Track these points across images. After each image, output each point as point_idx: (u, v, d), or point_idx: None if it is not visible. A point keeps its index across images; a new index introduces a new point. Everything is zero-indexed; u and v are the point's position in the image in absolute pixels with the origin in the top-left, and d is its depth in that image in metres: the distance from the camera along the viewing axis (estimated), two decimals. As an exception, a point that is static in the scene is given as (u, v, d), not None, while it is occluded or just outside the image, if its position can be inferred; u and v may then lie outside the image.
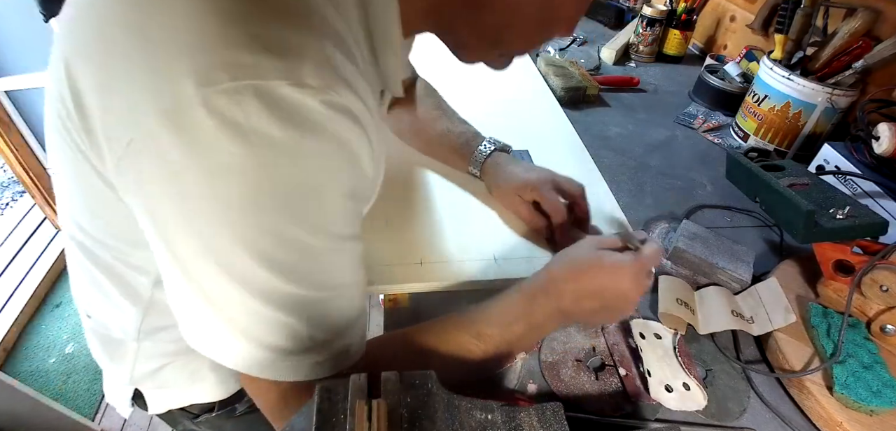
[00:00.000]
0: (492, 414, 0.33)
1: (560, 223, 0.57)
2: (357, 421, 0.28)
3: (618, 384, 0.50)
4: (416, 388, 0.32)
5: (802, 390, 0.49)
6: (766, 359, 0.54)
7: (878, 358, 0.50)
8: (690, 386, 0.48)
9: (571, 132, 0.82)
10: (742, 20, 1.17)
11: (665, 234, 0.68)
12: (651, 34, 1.20)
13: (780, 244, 0.70)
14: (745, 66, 1.06)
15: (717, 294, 0.58)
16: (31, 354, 1.59)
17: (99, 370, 0.53)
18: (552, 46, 1.23)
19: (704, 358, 0.53)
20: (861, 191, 0.70)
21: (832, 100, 0.80)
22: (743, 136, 0.93)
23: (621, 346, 0.53)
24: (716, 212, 0.75)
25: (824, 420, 0.47)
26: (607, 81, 1.08)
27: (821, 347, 0.51)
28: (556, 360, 0.51)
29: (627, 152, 0.87)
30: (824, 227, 0.59)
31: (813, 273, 0.60)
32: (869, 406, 0.45)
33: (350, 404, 0.29)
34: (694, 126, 0.97)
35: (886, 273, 0.52)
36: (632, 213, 0.72)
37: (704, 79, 1.05)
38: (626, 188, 0.78)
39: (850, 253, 0.56)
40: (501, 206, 0.64)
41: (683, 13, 1.18)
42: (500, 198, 0.64)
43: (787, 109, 0.85)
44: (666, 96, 1.09)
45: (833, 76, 0.82)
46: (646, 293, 0.45)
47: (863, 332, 0.53)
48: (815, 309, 0.54)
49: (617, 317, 0.51)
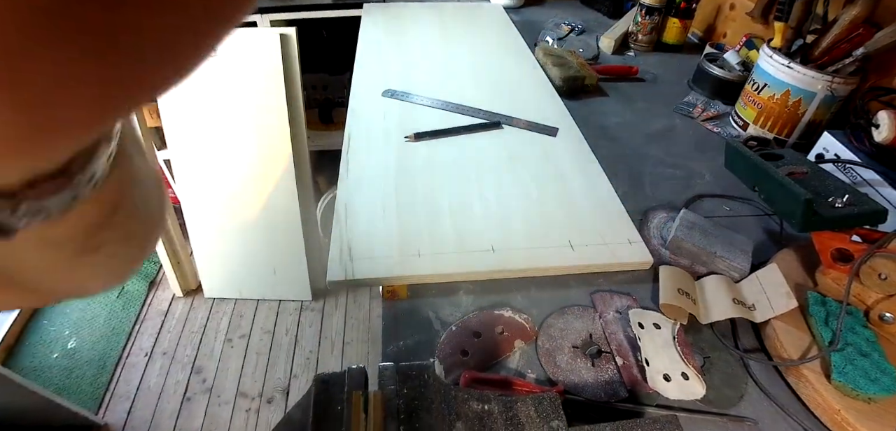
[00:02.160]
0: (489, 405, 0.33)
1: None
2: (354, 412, 0.28)
3: (614, 372, 0.50)
4: (413, 379, 0.32)
5: (800, 378, 0.49)
6: (764, 347, 0.54)
7: (876, 345, 0.50)
8: (689, 376, 0.48)
9: (570, 122, 0.82)
10: (741, 8, 1.16)
11: (664, 224, 0.68)
12: (650, 23, 1.19)
13: (779, 233, 0.70)
14: (745, 54, 1.06)
15: (717, 282, 0.58)
16: (34, 350, 1.60)
17: (102, 364, 0.54)
18: (550, 36, 1.22)
19: (702, 346, 0.53)
20: (860, 180, 0.70)
21: (832, 88, 0.80)
22: (742, 125, 0.93)
23: (619, 335, 0.53)
24: (715, 202, 0.75)
25: (822, 407, 0.47)
26: (606, 70, 1.08)
27: (819, 335, 0.51)
28: (552, 347, 0.52)
29: (626, 142, 0.87)
30: (823, 216, 0.58)
31: (812, 261, 0.60)
32: (867, 393, 0.46)
33: (346, 394, 0.30)
34: (693, 115, 0.97)
35: (885, 261, 0.52)
36: (630, 203, 0.72)
37: (704, 68, 1.05)
38: (625, 178, 0.78)
39: (849, 242, 0.56)
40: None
41: (682, 1, 1.17)
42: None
43: (787, 98, 0.84)
44: (665, 85, 1.08)
45: (833, 64, 0.81)
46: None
47: (861, 320, 0.53)
48: (813, 298, 0.54)
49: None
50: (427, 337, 0.53)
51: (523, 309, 0.56)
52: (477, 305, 0.57)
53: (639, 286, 0.60)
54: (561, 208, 0.63)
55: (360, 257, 0.54)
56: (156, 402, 1.50)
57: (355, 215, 0.60)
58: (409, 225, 0.59)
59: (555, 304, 0.57)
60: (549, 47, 1.11)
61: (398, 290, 0.57)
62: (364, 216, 0.60)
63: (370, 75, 0.93)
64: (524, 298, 0.57)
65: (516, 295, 0.58)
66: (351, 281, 0.52)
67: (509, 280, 0.57)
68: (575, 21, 1.34)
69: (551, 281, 0.58)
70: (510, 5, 1.41)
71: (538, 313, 0.56)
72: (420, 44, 1.09)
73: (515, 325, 0.54)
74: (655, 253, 0.63)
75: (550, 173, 0.69)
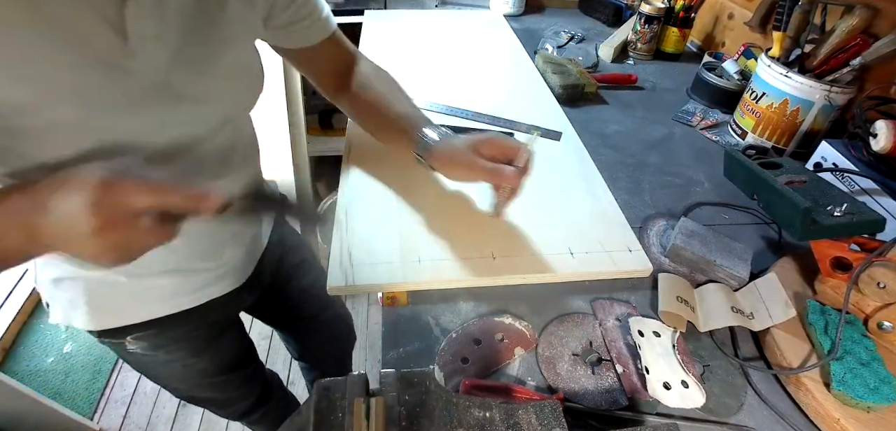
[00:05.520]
0: (490, 412, 0.33)
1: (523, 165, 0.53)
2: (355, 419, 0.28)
3: (615, 380, 0.50)
4: (415, 386, 0.32)
5: (800, 387, 0.49)
6: (763, 356, 0.54)
7: (875, 354, 0.50)
8: (689, 384, 0.48)
9: (570, 129, 0.82)
10: (740, 17, 1.17)
11: (663, 232, 0.68)
12: (649, 31, 1.20)
13: (777, 241, 0.70)
14: (743, 63, 1.07)
15: (716, 290, 0.58)
16: (29, 353, 1.59)
17: (97, 368, 0.56)
18: (550, 44, 1.23)
19: (702, 354, 0.53)
20: (858, 188, 0.70)
21: (830, 98, 0.81)
22: (741, 134, 0.93)
23: (619, 343, 0.53)
24: (714, 210, 0.75)
25: (822, 416, 0.47)
26: (605, 79, 1.08)
27: (818, 344, 0.51)
28: (553, 354, 0.51)
29: (625, 150, 0.87)
30: (822, 225, 0.59)
31: (810, 270, 0.60)
32: (866, 402, 0.46)
33: (348, 402, 0.29)
34: (692, 123, 0.97)
35: (884, 270, 0.52)
36: (630, 211, 0.72)
37: (702, 77, 1.05)
38: (625, 186, 0.78)
39: (848, 251, 0.56)
40: (456, 174, 0.58)
41: (682, 10, 1.18)
42: (453, 165, 0.57)
43: (785, 107, 0.85)
44: (664, 94, 1.09)
45: (831, 73, 0.82)
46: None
47: (860, 329, 0.53)
48: (812, 306, 0.55)
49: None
50: (427, 343, 0.53)
51: (524, 316, 0.56)
52: (477, 312, 0.57)
53: (638, 294, 0.60)
54: (561, 215, 0.63)
55: (361, 263, 0.54)
56: (151, 408, 1.49)
57: (356, 221, 0.60)
58: (409, 232, 0.59)
59: (555, 312, 0.57)
60: (549, 55, 1.12)
61: (398, 297, 0.57)
62: (365, 222, 0.60)
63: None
64: (524, 305, 0.57)
65: (517, 303, 0.58)
66: (351, 288, 0.52)
67: (510, 287, 0.57)
68: (574, 29, 1.35)
69: (551, 289, 0.58)
70: (510, 13, 1.42)
71: (538, 320, 0.56)
72: (420, 51, 1.10)
73: (516, 332, 0.54)
74: (655, 260, 0.63)
75: (550, 180, 0.69)
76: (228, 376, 0.82)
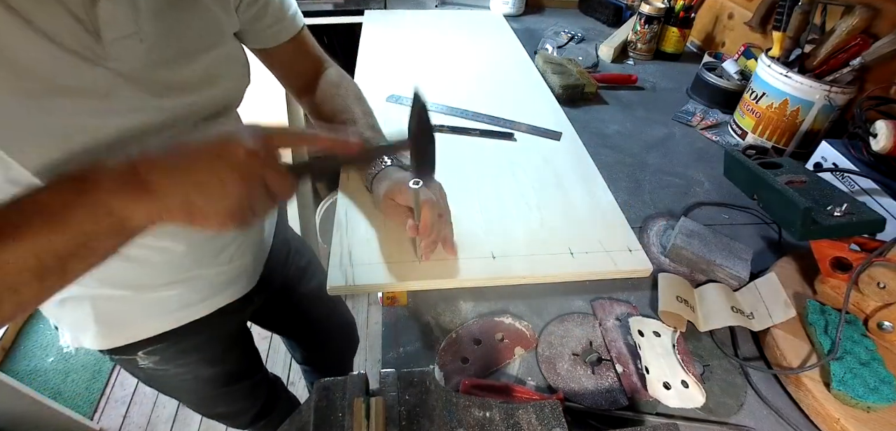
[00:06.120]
0: (490, 412, 0.33)
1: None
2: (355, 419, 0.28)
3: (615, 380, 0.50)
4: (415, 386, 0.32)
5: (800, 386, 0.49)
6: (763, 356, 0.54)
7: (875, 354, 0.50)
8: (689, 384, 0.48)
9: (570, 129, 0.82)
10: (740, 17, 1.17)
11: (663, 232, 0.68)
12: (649, 32, 1.20)
13: (778, 241, 0.70)
14: (743, 63, 1.07)
15: (716, 290, 0.58)
16: (30, 353, 1.59)
17: (97, 368, 0.55)
18: (550, 44, 1.23)
19: (702, 353, 0.53)
20: (858, 189, 0.70)
21: (830, 98, 0.81)
22: (741, 134, 0.93)
23: (619, 343, 0.53)
24: (714, 210, 0.75)
25: (822, 416, 0.47)
26: (605, 79, 1.08)
27: (818, 344, 0.51)
28: (553, 354, 0.51)
29: (625, 150, 0.87)
30: (822, 225, 0.59)
31: (811, 270, 0.60)
32: (866, 402, 0.46)
33: (348, 402, 0.30)
34: (692, 123, 0.97)
35: (884, 270, 0.52)
36: (630, 211, 0.72)
37: (702, 77, 1.05)
38: (625, 186, 0.78)
39: (848, 251, 0.56)
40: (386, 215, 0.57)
41: (681, 11, 1.18)
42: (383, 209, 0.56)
43: (785, 107, 0.85)
44: (664, 94, 1.09)
45: (831, 73, 0.82)
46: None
47: (860, 329, 0.53)
48: (812, 306, 0.55)
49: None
50: (427, 343, 0.53)
51: (523, 316, 0.56)
52: (477, 312, 0.57)
53: (638, 293, 0.60)
54: (561, 215, 0.63)
55: (361, 263, 0.54)
56: (151, 408, 1.49)
57: (356, 221, 0.60)
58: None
59: (555, 311, 0.57)
60: (549, 55, 1.12)
61: (398, 296, 0.57)
62: (365, 222, 0.60)
63: (372, 81, 0.93)
64: (524, 305, 0.57)
65: (517, 303, 0.58)
66: (351, 288, 0.52)
67: (509, 287, 0.57)
68: (574, 29, 1.35)
69: (551, 289, 0.58)
70: (510, 13, 1.42)
71: (538, 320, 0.56)
72: (420, 51, 1.10)
73: (516, 332, 0.54)
74: (655, 260, 0.63)
75: (551, 180, 0.69)
76: (237, 385, 0.81)
